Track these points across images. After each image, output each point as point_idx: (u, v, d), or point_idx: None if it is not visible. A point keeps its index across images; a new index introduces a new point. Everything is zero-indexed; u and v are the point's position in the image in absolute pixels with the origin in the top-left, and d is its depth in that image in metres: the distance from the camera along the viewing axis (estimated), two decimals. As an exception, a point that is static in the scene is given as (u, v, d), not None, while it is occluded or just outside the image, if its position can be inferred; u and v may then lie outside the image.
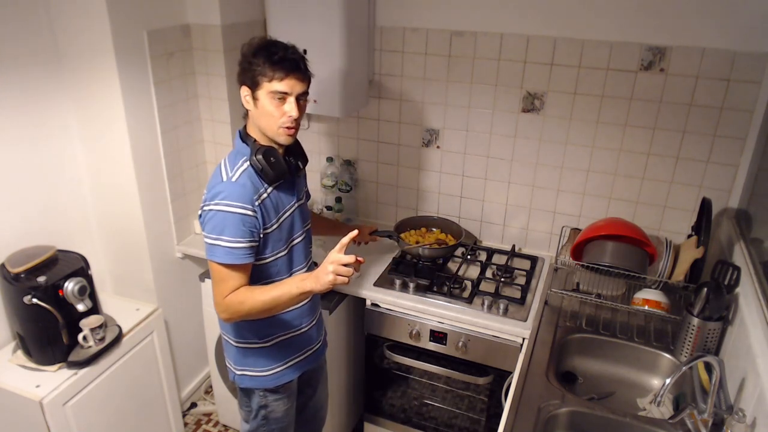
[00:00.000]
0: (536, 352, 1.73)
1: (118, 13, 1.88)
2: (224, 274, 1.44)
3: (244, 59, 1.44)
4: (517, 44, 2.07)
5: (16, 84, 1.84)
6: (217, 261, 1.43)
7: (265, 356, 1.64)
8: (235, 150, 1.51)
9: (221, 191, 1.42)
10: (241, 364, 1.65)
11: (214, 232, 1.42)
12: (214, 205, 1.41)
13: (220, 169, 1.48)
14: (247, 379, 1.66)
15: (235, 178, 1.43)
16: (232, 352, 1.66)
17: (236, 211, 1.41)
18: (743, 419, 1.29)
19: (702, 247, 1.82)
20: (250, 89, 1.45)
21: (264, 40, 1.46)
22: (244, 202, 1.41)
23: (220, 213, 1.41)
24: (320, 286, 1.40)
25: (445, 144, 2.34)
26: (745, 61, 1.81)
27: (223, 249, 1.41)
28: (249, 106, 1.48)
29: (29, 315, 1.78)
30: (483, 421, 2.11)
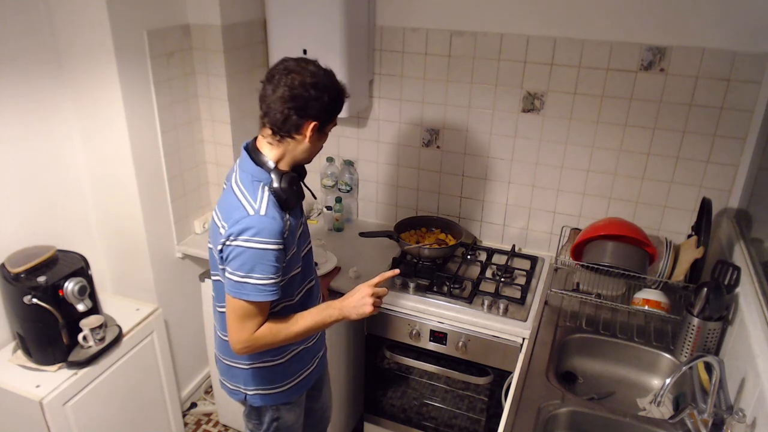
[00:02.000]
0: (536, 352, 1.73)
1: (118, 13, 1.88)
2: (251, 311, 1.37)
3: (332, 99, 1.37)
4: (517, 44, 2.07)
5: (16, 84, 1.84)
6: (246, 299, 1.35)
7: (280, 372, 1.59)
8: (247, 174, 1.40)
9: (251, 227, 1.31)
10: (254, 384, 1.59)
11: (243, 270, 1.33)
12: (244, 242, 1.31)
13: (238, 198, 1.36)
14: (260, 398, 1.60)
15: (263, 211, 1.33)
16: (241, 374, 1.59)
17: (269, 248, 1.32)
18: (743, 419, 1.29)
19: (702, 247, 1.82)
20: (319, 124, 1.37)
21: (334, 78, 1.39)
22: (275, 237, 1.33)
23: (251, 250, 1.31)
24: (357, 315, 1.45)
25: (445, 144, 2.34)
26: (745, 61, 1.81)
27: (253, 286, 1.34)
28: (309, 138, 1.38)
29: (29, 315, 1.77)
30: (483, 421, 2.11)
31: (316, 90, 1.33)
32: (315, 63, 1.38)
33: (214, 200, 2.52)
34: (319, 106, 1.34)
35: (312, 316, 1.45)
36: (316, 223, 2.60)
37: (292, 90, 1.31)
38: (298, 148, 1.40)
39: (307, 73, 1.33)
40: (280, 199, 1.38)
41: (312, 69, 1.35)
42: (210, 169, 2.45)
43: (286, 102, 1.32)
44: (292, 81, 1.32)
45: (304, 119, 1.35)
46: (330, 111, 1.38)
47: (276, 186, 1.37)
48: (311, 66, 1.35)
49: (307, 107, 1.33)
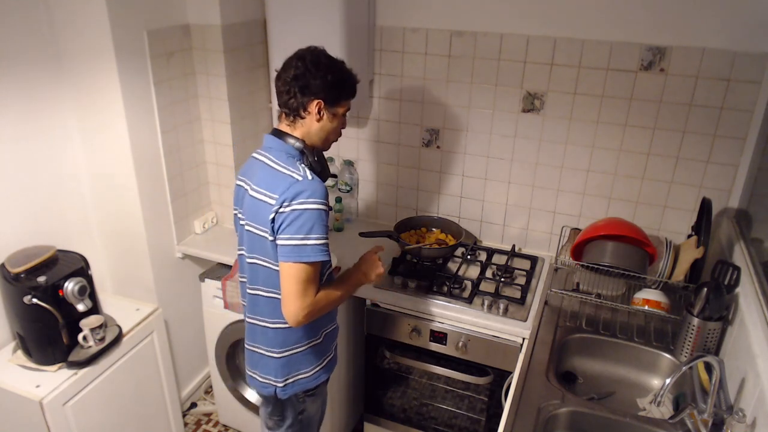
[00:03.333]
0: (536, 352, 1.73)
1: (118, 13, 1.88)
2: (311, 273, 1.42)
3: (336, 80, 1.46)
4: (517, 44, 2.07)
5: (16, 84, 1.84)
6: (307, 261, 1.40)
7: (310, 356, 1.62)
8: (281, 153, 1.49)
9: (304, 190, 1.39)
10: (284, 374, 1.61)
11: (302, 231, 1.39)
12: (299, 205, 1.38)
13: (281, 171, 1.44)
14: (290, 387, 1.62)
15: (309, 176, 1.43)
16: (273, 364, 1.60)
17: (321, 208, 1.41)
18: (743, 419, 1.29)
19: (702, 247, 1.82)
20: (327, 104, 1.47)
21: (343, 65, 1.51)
22: (324, 198, 1.42)
23: (307, 211, 1.38)
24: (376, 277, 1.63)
25: (445, 144, 2.34)
26: (745, 61, 1.81)
27: (312, 247, 1.40)
28: (318, 118, 1.48)
29: (29, 315, 1.78)
30: (483, 421, 2.11)
31: (317, 69, 1.44)
32: (324, 51, 1.50)
33: (214, 200, 2.52)
34: (321, 83, 1.44)
35: (348, 279, 1.58)
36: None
37: (296, 70, 1.44)
38: (311, 129, 1.50)
39: (311, 54, 1.46)
40: (316, 171, 1.48)
41: (316, 51, 1.48)
42: (210, 169, 2.45)
43: (291, 81, 1.45)
44: (296, 62, 1.45)
45: (308, 97, 1.45)
46: (334, 89, 1.47)
47: (311, 160, 1.49)
48: (318, 50, 1.49)
49: (309, 85, 1.44)
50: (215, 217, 2.54)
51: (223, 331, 2.27)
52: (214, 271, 2.28)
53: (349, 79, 1.51)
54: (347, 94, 1.52)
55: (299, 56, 1.46)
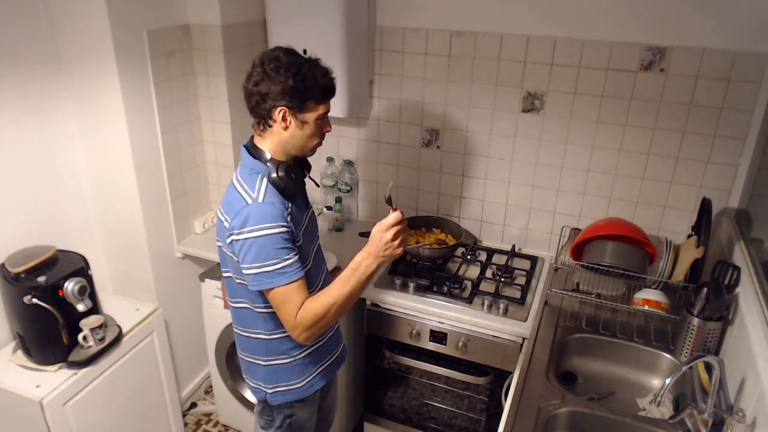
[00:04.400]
0: (536, 352, 1.73)
1: (118, 13, 1.88)
2: (283, 295, 1.38)
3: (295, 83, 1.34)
4: (517, 44, 2.07)
5: (16, 84, 1.84)
6: (274, 287, 1.36)
7: (298, 368, 1.60)
8: (246, 168, 1.43)
9: (251, 215, 1.34)
10: (273, 381, 1.60)
11: (257, 261, 1.35)
12: (248, 233, 1.34)
13: (237, 191, 1.40)
14: (279, 395, 1.61)
15: (261, 198, 1.36)
16: (261, 372, 1.60)
17: (273, 232, 1.34)
18: (743, 419, 1.29)
19: (702, 247, 1.82)
20: (293, 111, 1.38)
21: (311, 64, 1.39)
22: (277, 221, 1.35)
23: (258, 239, 1.34)
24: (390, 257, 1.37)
25: (445, 144, 2.34)
26: (745, 61, 1.81)
27: (273, 273, 1.35)
28: (285, 126, 1.39)
29: (29, 315, 1.77)
30: (483, 421, 2.11)
31: (276, 73, 1.34)
32: (289, 50, 1.39)
33: (214, 200, 2.52)
34: (280, 89, 1.34)
35: (344, 279, 1.40)
36: (316, 223, 2.60)
37: (258, 76, 1.36)
38: (282, 138, 1.41)
39: (271, 57, 1.36)
40: (279, 188, 1.40)
41: (277, 55, 1.37)
42: (210, 169, 2.45)
43: (253, 88, 1.37)
44: (256, 68, 1.37)
45: (271, 104, 1.36)
46: (296, 95, 1.35)
47: (273, 175, 1.39)
48: (281, 52, 1.38)
49: (269, 91, 1.35)
50: (215, 217, 2.53)
51: (223, 331, 2.27)
52: (214, 271, 2.28)
53: (315, 79, 1.37)
54: (315, 97, 1.38)
55: (259, 61, 1.37)
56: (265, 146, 1.43)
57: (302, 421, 1.70)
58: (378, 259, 1.38)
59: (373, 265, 1.38)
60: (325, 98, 1.42)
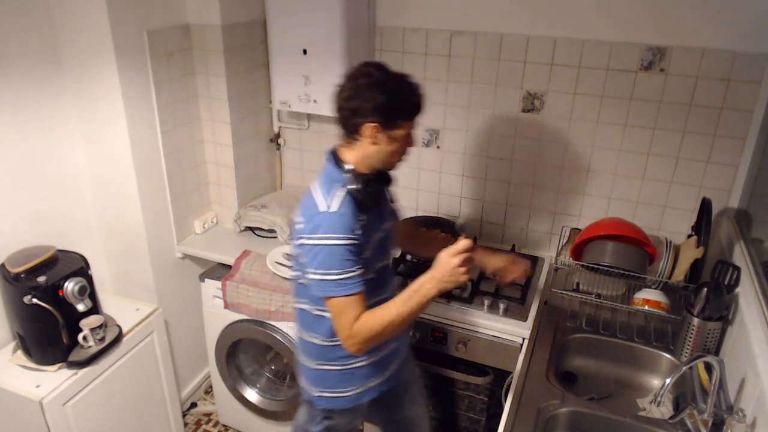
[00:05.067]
0: (536, 352, 1.73)
1: (118, 13, 1.88)
2: (342, 306, 1.39)
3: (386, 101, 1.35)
4: (517, 44, 2.07)
5: (16, 84, 1.84)
6: (333, 296, 1.39)
7: (346, 379, 1.59)
8: (326, 176, 1.45)
9: (320, 224, 1.37)
10: (319, 385, 1.61)
11: (322, 268, 1.37)
12: (318, 240, 1.37)
13: (314, 197, 1.42)
14: (324, 400, 1.62)
15: (334, 207, 1.38)
16: (310, 374, 1.62)
17: (341, 243, 1.36)
18: (743, 419, 1.29)
19: (702, 247, 1.82)
20: (383, 128, 1.38)
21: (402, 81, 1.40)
22: (346, 233, 1.37)
23: (326, 247, 1.36)
24: (453, 284, 1.37)
25: (445, 144, 2.34)
26: (745, 61, 1.81)
27: (335, 282, 1.37)
28: (373, 141, 1.39)
29: (29, 315, 1.78)
30: (483, 421, 2.11)
31: (369, 91, 1.35)
32: (380, 66, 1.40)
33: (214, 200, 2.52)
34: (372, 106, 1.35)
35: (405, 298, 1.40)
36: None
37: (350, 91, 1.37)
38: (368, 151, 1.42)
39: (365, 74, 1.37)
40: (356, 200, 1.41)
41: (370, 71, 1.38)
42: (210, 169, 2.45)
43: (344, 102, 1.38)
44: (349, 82, 1.38)
45: (361, 119, 1.37)
46: (387, 112, 1.37)
47: (351, 187, 1.41)
48: (373, 68, 1.38)
49: (361, 108, 1.36)
50: (215, 217, 2.54)
51: (223, 331, 2.27)
52: (214, 271, 2.28)
53: (407, 97, 1.39)
54: (405, 115, 1.40)
55: (351, 75, 1.38)
56: (349, 157, 1.44)
57: (340, 428, 1.70)
58: (441, 284, 1.37)
59: (434, 289, 1.38)
60: (414, 116, 1.43)
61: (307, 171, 2.66)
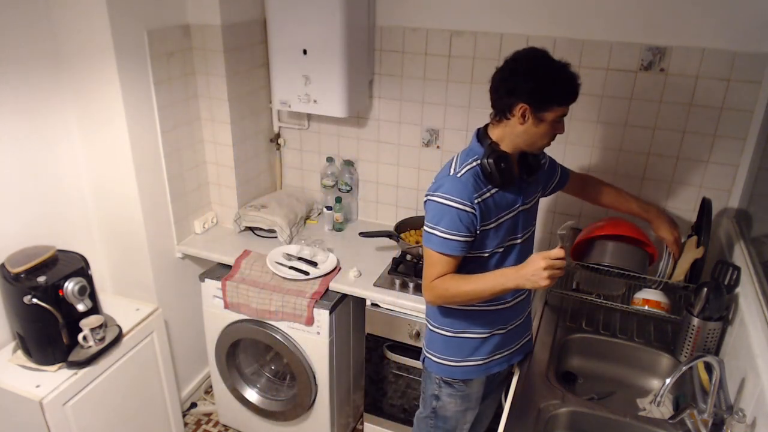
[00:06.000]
0: (536, 352, 1.73)
1: (118, 13, 1.88)
2: (435, 259, 1.48)
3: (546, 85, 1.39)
4: (517, 44, 2.06)
5: (15, 84, 1.84)
6: (431, 248, 1.47)
7: (455, 346, 1.64)
8: (468, 148, 1.53)
9: (443, 184, 1.46)
10: (432, 348, 1.68)
11: (432, 221, 1.46)
12: (436, 197, 1.45)
13: (450, 163, 1.52)
14: (431, 362, 1.69)
15: (460, 174, 1.46)
16: (428, 334, 1.69)
17: (454, 206, 1.43)
18: (743, 419, 1.29)
19: (702, 247, 1.82)
20: (533, 109, 1.41)
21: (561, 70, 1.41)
22: (462, 198, 1.43)
23: (439, 205, 1.44)
24: (532, 285, 1.40)
25: (445, 144, 2.34)
26: (745, 61, 1.81)
27: (438, 238, 1.45)
28: (522, 121, 1.43)
29: (29, 315, 1.78)
30: (483, 421, 2.11)
31: (527, 72, 1.40)
32: (544, 52, 1.43)
33: (214, 200, 2.52)
34: (526, 88, 1.39)
35: (486, 279, 1.48)
36: (316, 223, 2.60)
37: (507, 72, 1.42)
38: (515, 131, 1.46)
39: (524, 57, 1.43)
40: (485, 172, 1.46)
41: (534, 53, 1.43)
42: (210, 169, 2.45)
43: (500, 82, 1.43)
44: (511, 63, 1.42)
45: (513, 100, 1.41)
46: (539, 96, 1.40)
47: (483, 160, 1.46)
48: (534, 53, 1.43)
49: (515, 89, 1.40)
50: (215, 217, 2.53)
51: (223, 331, 2.27)
52: (214, 271, 2.28)
53: (563, 84, 1.41)
54: (558, 101, 1.42)
55: (515, 57, 1.43)
56: (494, 134, 1.49)
57: (446, 414, 1.73)
58: (519, 280, 1.41)
59: (512, 282, 1.43)
60: (567, 102, 1.45)
61: (307, 171, 2.66)
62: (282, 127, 2.60)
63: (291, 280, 2.13)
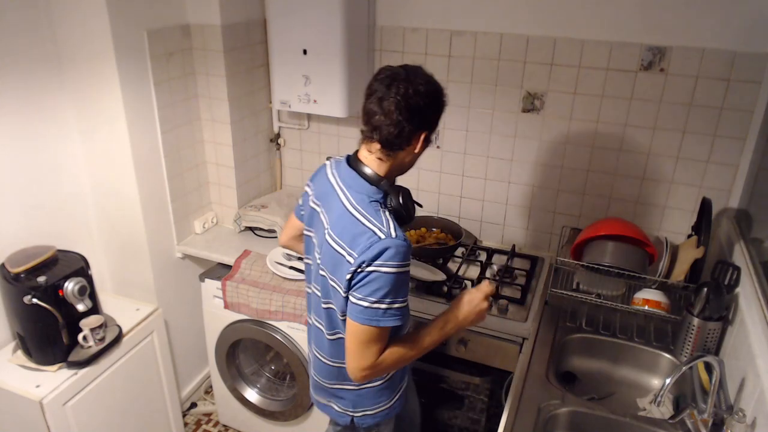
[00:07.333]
0: (536, 352, 1.73)
1: (118, 13, 1.88)
2: (377, 336, 1.30)
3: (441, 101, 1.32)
4: (517, 44, 2.07)
5: (16, 84, 1.84)
6: (377, 325, 1.28)
7: (386, 390, 1.55)
8: (363, 196, 1.33)
9: (386, 248, 1.24)
10: (362, 405, 1.55)
11: (376, 295, 1.26)
12: (380, 267, 1.24)
13: (363, 223, 1.28)
14: (369, 418, 1.56)
15: (394, 233, 1.26)
16: (350, 397, 1.54)
17: (403, 270, 1.27)
18: (743, 419, 1.29)
19: (702, 247, 1.82)
20: (429, 133, 1.33)
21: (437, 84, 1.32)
22: (408, 259, 1.28)
23: (388, 275, 1.25)
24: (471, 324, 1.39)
25: (445, 144, 2.34)
26: (745, 61, 1.81)
27: (385, 312, 1.27)
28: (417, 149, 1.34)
29: (29, 315, 1.78)
30: (483, 421, 2.11)
31: (428, 98, 1.28)
32: (420, 69, 1.31)
33: (215, 200, 2.52)
34: (434, 114, 1.31)
35: (433, 334, 1.39)
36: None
37: (408, 99, 1.25)
38: (405, 160, 1.36)
39: (417, 79, 1.27)
40: (401, 216, 1.34)
41: (419, 74, 1.29)
42: (210, 169, 2.45)
43: (402, 113, 1.25)
44: (405, 90, 1.25)
45: (419, 130, 1.30)
46: (439, 118, 1.34)
47: (395, 204, 1.33)
48: (417, 72, 1.30)
49: (424, 117, 1.28)
50: (215, 217, 2.54)
51: (223, 331, 2.27)
52: (214, 271, 2.28)
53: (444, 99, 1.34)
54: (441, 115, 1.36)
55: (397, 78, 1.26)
56: (381, 169, 1.34)
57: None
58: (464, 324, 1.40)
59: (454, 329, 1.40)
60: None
61: (306, 171, 2.66)
62: (282, 127, 2.60)
63: (291, 280, 2.13)
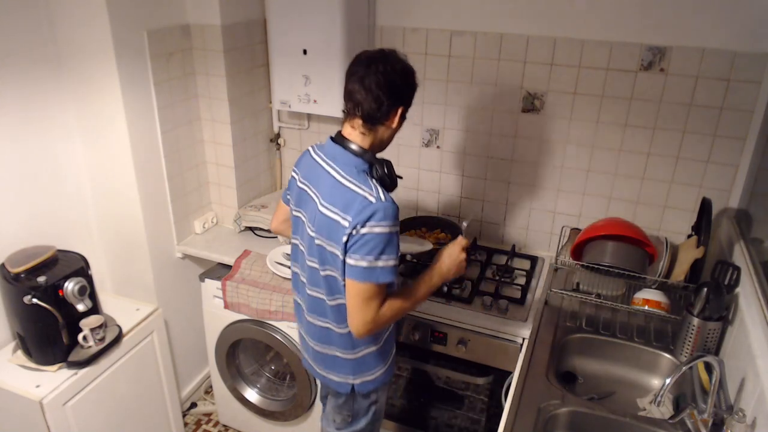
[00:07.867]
0: (536, 352, 1.73)
1: (118, 13, 1.88)
2: (377, 292, 1.41)
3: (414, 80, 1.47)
4: (517, 44, 2.07)
5: (15, 84, 1.84)
6: (375, 282, 1.39)
7: (380, 354, 1.63)
8: (351, 168, 1.44)
9: (377, 211, 1.36)
10: (360, 371, 1.62)
11: (373, 254, 1.37)
12: (372, 227, 1.36)
13: (353, 190, 1.40)
14: (369, 384, 1.64)
15: (383, 197, 1.39)
16: (349, 364, 1.61)
17: (393, 230, 1.39)
18: (743, 419, 1.29)
19: (702, 247, 1.82)
20: (404, 109, 1.47)
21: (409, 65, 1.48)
22: (397, 219, 1.40)
23: (380, 235, 1.36)
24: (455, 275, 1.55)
25: (445, 144, 2.34)
26: (745, 61, 1.81)
27: (382, 269, 1.39)
28: (395, 125, 1.47)
29: (29, 315, 1.78)
30: (483, 421, 2.11)
31: (403, 76, 1.43)
32: (395, 52, 1.45)
33: (215, 200, 2.52)
34: (409, 91, 1.46)
35: (422, 286, 1.53)
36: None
37: (386, 77, 1.39)
38: (385, 135, 1.49)
39: (393, 60, 1.42)
40: (385, 185, 1.46)
41: (395, 56, 1.44)
42: (210, 169, 2.45)
43: (381, 89, 1.39)
44: (384, 68, 1.39)
45: (396, 105, 1.44)
46: (413, 95, 1.49)
47: (380, 173, 1.46)
48: (393, 54, 1.44)
49: (400, 93, 1.43)
50: (215, 217, 2.54)
51: (223, 331, 2.27)
52: (214, 271, 2.28)
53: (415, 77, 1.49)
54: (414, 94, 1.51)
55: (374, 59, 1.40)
56: (366, 143, 1.47)
57: (382, 403, 1.74)
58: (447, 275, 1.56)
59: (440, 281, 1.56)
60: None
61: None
62: (282, 127, 2.60)
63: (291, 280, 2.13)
